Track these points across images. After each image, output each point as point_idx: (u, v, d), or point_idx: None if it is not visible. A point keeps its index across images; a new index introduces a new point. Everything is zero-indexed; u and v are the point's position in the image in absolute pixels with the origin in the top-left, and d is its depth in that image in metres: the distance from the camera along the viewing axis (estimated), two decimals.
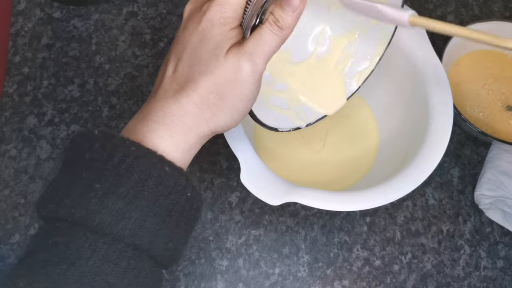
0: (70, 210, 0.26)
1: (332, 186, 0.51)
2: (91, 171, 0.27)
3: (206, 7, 0.30)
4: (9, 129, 0.53)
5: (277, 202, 0.39)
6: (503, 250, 0.52)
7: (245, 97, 0.31)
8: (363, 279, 0.49)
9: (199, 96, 0.30)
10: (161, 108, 0.30)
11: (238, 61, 0.29)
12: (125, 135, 0.30)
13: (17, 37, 0.57)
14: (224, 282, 0.48)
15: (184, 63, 0.30)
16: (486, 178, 0.52)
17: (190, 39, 0.30)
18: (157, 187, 0.28)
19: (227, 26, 0.30)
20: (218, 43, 0.30)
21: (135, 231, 0.27)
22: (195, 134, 0.31)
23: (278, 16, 0.30)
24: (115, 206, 0.26)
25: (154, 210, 0.28)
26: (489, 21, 0.57)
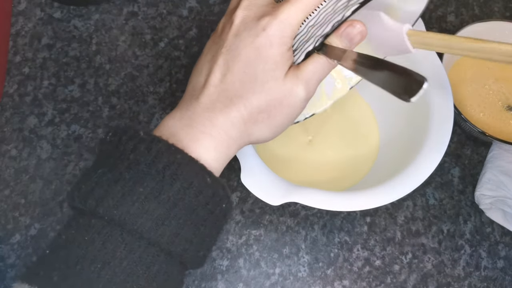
0: (111, 210, 0.26)
1: (332, 186, 0.51)
2: (134, 173, 0.27)
3: (266, 22, 0.29)
4: (10, 129, 0.53)
5: (277, 202, 0.39)
6: (503, 250, 0.52)
7: (292, 118, 0.32)
8: (364, 279, 0.49)
9: (249, 114, 0.30)
10: (209, 118, 0.30)
11: (296, 87, 0.30)
12: (164, 136, 0.30)
13: (17, 37, 0.57)
14: (225, 282, 0.48)
15: (235, 77, 0.30)
16: (487, 178, 0.52)
17: (244, 51, 0.30)
18: (197, 197, 0.28)
19: (285, 47, 0.30)
20: (277, 65, 0.30)
21: (172, 239, 0.27)
22: (237, 146, 0.32)
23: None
24: (156, 212, 0.27)
25: (191, 219, 0.28)
26: (489, 21, 0.57)
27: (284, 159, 0.52)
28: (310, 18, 0.31)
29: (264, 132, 0.32)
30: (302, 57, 0.31)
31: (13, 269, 0.47)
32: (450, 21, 0.63)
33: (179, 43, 0.59)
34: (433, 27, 0.62)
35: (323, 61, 0.31)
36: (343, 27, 0.30)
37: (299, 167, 0.52)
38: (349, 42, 0.31)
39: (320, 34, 0.30)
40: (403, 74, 0.26)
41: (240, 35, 0.30)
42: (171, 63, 0.57)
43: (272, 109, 0.30)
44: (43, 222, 0.49)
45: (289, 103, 0.31)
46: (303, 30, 0.31)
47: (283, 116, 0.31)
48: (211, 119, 0.30)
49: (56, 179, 0.51)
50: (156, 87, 0.56)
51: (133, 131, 0.29)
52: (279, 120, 0.31)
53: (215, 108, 0.30)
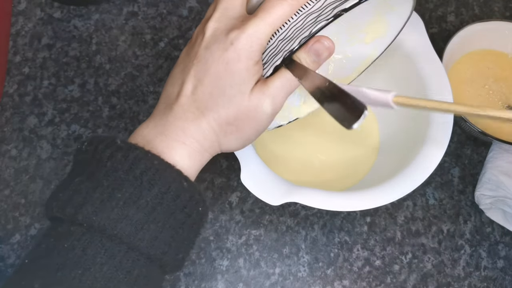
0: (90, 216, 0.27)
1: (332, 186, 0.51)
2: (112, 180, 0.28)
3: (234, 36, 0.30)
4: (10, 129, 0.53)
5: (277, 202, 0.39)
6: (503, 250, 0.52)
7: (260, 131, 0.33)
8: (364, 279, 0.49)
9: (219, 126, 0.31)
10: (182, 128, 0.31)
11: (262, 102, 0.31)
12: (139, 143, 0.30)
13: (17, 37, 0.57)
14: (225, 282, 0.48)
15: (205, 89, 0.31)
16: (487, 178, 0.52)
17: (213, 65, 0.30)
18: (175, 201, 0.29)
19: (252, 61, 0.30)
20: (244, 79, 0.30)
21: (152, 242, 0.28)
22: (209, 154, 0.33)
23: (304, 62, 0.31)
24: (135, 216, 0.27)
25: (169, 223, 0.29)
26: (489, 21, 0.57)
27: (284, 159, 0.52)
28: (280, 31, 0.31)
29: (233, 143, 0.33)
30: (270, 71, 0.31)
31: (13, 269, 0.47)
32: (450, 21, 0.63)
33: (179, 43, 0.59)
34: (433, 27, 0.62)
35: (290, 76, 0.31)
36: (311, 42, 0.31)
37: (299, 167, 0.52)
38: (316, 57, 0.31)
39: (288, 49, 0.30)
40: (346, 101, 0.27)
41: (210, 48, 0.31)
42: (171, 63, 0.57)
43: (240, 123, 0.31)
44: (43, 222, 0.49)
45: (255, 117, 0.31)
46: (273, 43, 0.31)
47: (251, 129, 0.32)
48: (183, 129, 0.31)
49: (56, 179, 0.51)
50: (156, 87, 0.56)
51: (109, 139, 0.29)
52: (247, 132, 0.32)
53: (187, 118, 0.31)
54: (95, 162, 0.29)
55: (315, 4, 0.31)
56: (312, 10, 0.31)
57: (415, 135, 0.46)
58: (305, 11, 0.31)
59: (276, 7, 0.30)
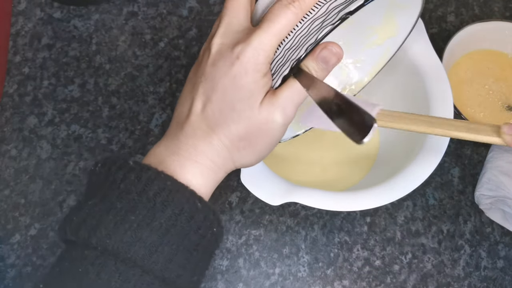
0: (104, 240, 0.26)
1: (332, 186, 0.51)
2: (125, 202, 0.27)
3: (239, 50, 0.29)
4: (10, 129, 0.53)
5: (277, 202, 0.39)
6: (503, 250, 0.52)
7: (273, 144, 0.32)
8: (363, 279, 0.49)
9: (230, 142, 0.31)
10: (193, 146, 0.30)
11: (272, 114, 0.30)
12: (152, 164, 0.30)
13: (17, 37, 0.57)
14: (224, 282, 0.48)
15: (214, 106, 0.30)
16: (487, 178, 0.52)
17: (220, 81, 0.30)
18: (189, 222, 0.28)
19: (260, 73, 0.30)
20: (252, 92, 0.30)
21: (166, 265, 0.27)
22: (223, 172, 0.32)
23: (313, 70, 0.31)
24: (149, 239, 0.27)
25: (183, 244, 0.28)
26: (489, 21, 0.57)
27: (284, 159, 0.52)
28: (286, 41, 0.30)
29: (247, 158, 0.32)
30: (279, 81, 0.31)
31: (13, 269, 0.47)
32: (450, 21, 0.63)
33: (179, 43, 0.58)
34: (433, 27, 0.62)
35: (298, 86, 0.31)
36: (318, 49, 0.30)
37: (299, 167, 0.52)
38: (324, 64, 0.31)
39: (295, 58, 0.30)
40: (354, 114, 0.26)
41: (216, 64, 0.30)
42: (171, 63, 0.57)
43: (252, 137, 0.31)
44: (43, 222, 0.49)
45: (267, 130, 0.31)
46: (280, 53, 0.31)
47: (264, 142, 0.32)
48: (195, 147, 0.30)
49: (56, 179, 0.51)
50: (156, 87, 0.56)
51: (122, 160, 0.29)
52: (260, 146, 0.32)
53: (198, 137, 0.31)
54: (108, 184, 0.29)
55: (319, 9, 0.30)
56: (316, 16, 0.30)
57: (415, 135, 0.46)
58: (309, 18, 0.30)
59: (280, 16, 0.29)
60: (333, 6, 0.30)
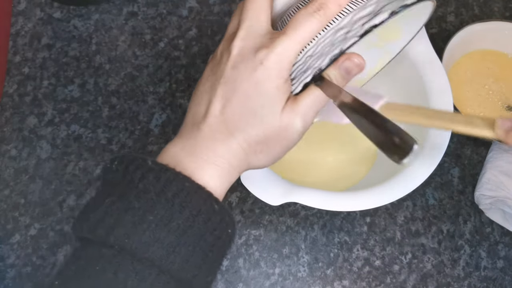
0: (122, 239, 0.27)
1: (332, 186, 0.51)
2: (143, 202, 0.28)
3: (263, 55, 0.29)
4: (10, 129, 0.53)
5: (277, 202, 0.39)
6: (503, 250, 0.52)
7: (289, 147, 0.33)
8: (363, 279, 0.49)
9: (248, 145, 0.31)
10: (211, 148, 0.31)
11: (293, 121, 0.31)
12: (170, 164, 0.30)
13: (17, 37, 0.57)
14: (224, 282, 0.48)
15: (235, 109, 0.30)
16: (486, 178, 0.52)
17: (242, 84, 0.30)
18: (206, 224, 0.29)
19: (283, 80, 0.30)
20: (275, 99, 0.30)
21: (183, 265, 0.28)
22: (238, 173, 0.32)
23: (334, 78, 0.31)
24: (167, 239, 0.27)
25: (199, 245, 0.28)
26: (489, 21, 0.57)
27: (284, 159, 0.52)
28: (308, 47, 0.31)
29: (262, 161, 0.33)
30: (299, 87, 0.31)
31: (12, 269, 0.47)
32: (450, 21, 0.63)
33: (179, 43, 0.58)
34: (433, 27, 0.62)
35: (319, 93, 0.31)
36: (341, 60, 0.30)
37: (299, 167, 0.52)
38: (346, 74, 0.31)
39: (318, 67, 0.30)
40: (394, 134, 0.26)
41: (237, 67, 0.30)
42: (171, 63, 0.57)
43: (270, 142, 0.31)
44: (42, 222, 0.49)
45: (286, 135, 0.31)
46: (301, 59, 0.31)
47: (281, 147, 0.32)
48: (214, 150, 0.31)
49: (56, 179, 0.51)
50: (156, 87, 0.56)
51: (140, 160, 0.29)
52: (277, 150, 0.32)
53: (217, 139, 0.31)
54: (126, 183, 0.29)
55: (343, 19, 0.30)
56: (340, 26, 0.30)
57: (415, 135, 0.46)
58: (333, 27, 0.30)
59: (305, 24, 0.30)
60: (357, 17, 0.30)
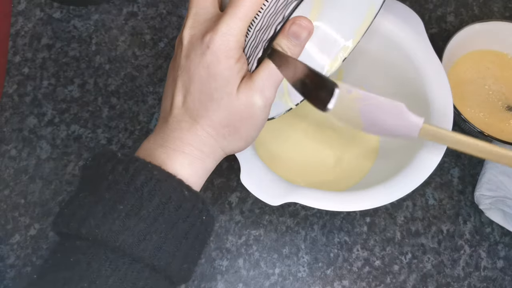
0: (93, 230, 0.27)
1: (332, 186, 0.51)
2: (113, 192, 0.28)
3: (208, 39, 0.29)
4: (9, 129, 0.53)
5: (277, 202, 0.39)
6: (503, 250, 0.52)
7: (259, 126, 0.32)
8: (363, 279, 0.49)
9: (214, 130, 0.31)
10: (179, 138, 0.31)
11: (251, 98, 0.31)
12: (141, 156, 0.30)
13: (17, 37, 0.57)
14: (224, 282, 0.48)
15: (194, 97, 0.31)
16: (486, 178, 0.52)
17: (196, 72, 0.30)
18: (177, 211, 0.29)
19: (233, 59, 0.30)
20: (228, 80, 0.30)
21: (155, 253, 0.28)
22: (212, 160, 0.32)
23: (286, 48, 0.31)
24: (137, 228, 0.27)
25: (172, 233, 0.29)
26: (489, 21, 0.57)
27: (284, 159, 0.52)
28: (255, 22, 0.30)
29: (235, 144, 0.33)
30: (255, 64, 0.31)
31: (12, 269, 0.47)
32: (450, 21, 0.63)
33: None
34: (432, 27, 0.62)
35: (273, 66, 0.31)
36: (287, 26, 0.30)
37: (299, 167, 0.52)
38: (297, 40, 0.30)
39: (266, 39, 0.30)
40: (317, 81, 0.26)
41: (189, 56, 0.30)
42: None
43: (235, 123, 0.31)
44: (42, 222, 0.49)
45: (249, 114, 0.31)
46: (252, 35, 0.31)
47: (249, 127, 0.32)
48: (181, 138, 0.31)
49: (56, 179, 0.51)
50: (156, 87, 0.56)
51: (110, 153, 0.30)
52: (246, 131, 0.32)
53: (182, 128, 0.31)
54: (97, 177, 0.29)
55: None
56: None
57: None
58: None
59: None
60: None
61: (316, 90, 0.25)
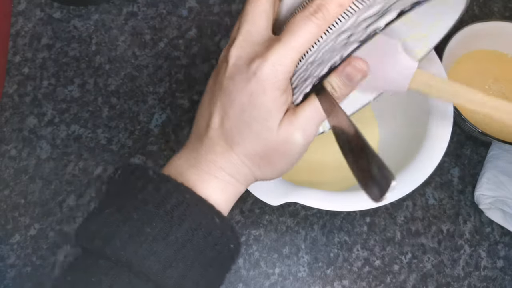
0: (118, 251, 0.26)
1: (332, 186, 0.51)
2: (142, 213, 0.27)
3: (257, 65, 0.27)
4: (9, 129, 0.53)
5: (277, 202, 0.39)
6: (503, 250, 0.52)
7: (294, 162, 0.31)
8: (363, 279, 0.49)
9: (250, 160, 0.30)
10: (213, 162, 0.30)
11: (292, 136, 0.29)
12: (172, 175, 0.29)
13: (17, 37, 0.57)
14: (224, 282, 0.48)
15: (232, 123, 0.29)
16: (486, 178, 0.52)
17: (237, 97, 0.28)
18: (206, 238, 0.28)
19: (279, 91, 0.28)
20: (270, 112, 0.28)
21: (180, 281, 0.27)
22: (244, 186, 0.31)
23: (336, 86, 0.29)
24: (164, 253, 0.26)
25: (198, 260, 0.28)
26: (489, 21, 0.57)
27: None
28: (309, 53, 0.28)
29: (268, 174, 0.31)
30: (300, 97, 0.29)
31: (12, 269, 0.47)
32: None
33: (178, 43, 0.59)
34: None
35: (319, 105, 0.29)
36: (342, 66, 0.28)
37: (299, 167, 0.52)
38: (349, 81, 0.29)
39: (318, 75, 0.28)
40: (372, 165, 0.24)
41: (233, 78, 0.29)
42: (171, 63, 0.57)
43: (271, 157, 0.30)
44: (42, 222, 0.49)
45: (286, 150, 0.30)
46: (303, 66, 0.29)
47: (284, 161, 0.30)
48: (214, 162, 0.30)
49: (56, 179, 0.51)
50: (156, 87, 0.56)
51: (142, 169, 0.28)
52: (281, 164, 0.31)
53: (217, 152, 0.30)
54: (126, 193, 0.28)
55: (347, 21, 0.27)
56: (343, 29, 0.27)
57: (414, 135, 0.46)
58: (335, 30, 0.28)
59: (302, 29, 0.27)
60: (362, 18, 0.27)
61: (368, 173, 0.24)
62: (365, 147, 0.25)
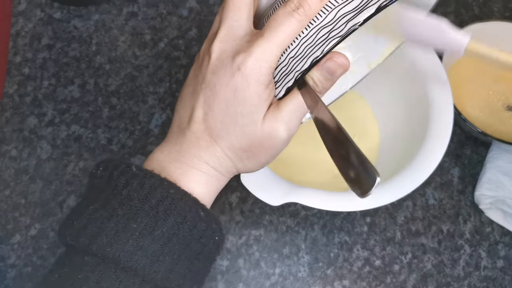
0: (105, 247, 0.26)
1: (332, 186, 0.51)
2: (127, 209, 0.27)
3: (240, 60, 0.28)
4: (10, 130, 0.53)
5: (277, 202, 0.39)
6: (503, 250, 0.52)
7: (276, 154, 0.32)
8: (364, 279, 0.49)
9: (233, 153, 0.30)
10: (196, 156, 0.30)
11: (276, 130, 0.29)
12: (155, 170, 0.29)
13: (17, 37, 0.57)
14: (225, 282, 0.48)
15: (216, 117, 0.29)
16: (486, 178, 0.52)
17: (221, 91, 0.29)
18: (191, 231, 0.28)
19: (263, 85, 0.28)
20: (255, 107, 0.29)
21: (167, 274, 0.27)
22: (226, 178, 0.32)
23: (318, 81, 0.30)
24: (151, 248, 0.27)
25: (185, 253, 0.28)
26: (489, 21, 0.57)
27: (284, 159, 0.52)
28: (290, 48, 0.29)
29: (250, 166, 0.32)
30: (283, 92, 0.30)
31: (13, 269, 0.47)
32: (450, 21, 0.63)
33: (179, 43, 0.59)
34: None
35: (302, 99, 0.30)
36: (323, 60, 0.29)
37: (299, 167, 0.52)
38: (330, 75, 0.29)
39: (300, 70, 0.28)
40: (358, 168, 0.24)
41: (217, 72, 0.29)
42: (171, 63, 0.57)
43: (255, 150, 0.30)
44: (43, 222, 0.49)
45: (270, 144, 0.30)
46: (284, 60, 0.29)
47: (267, 154, 0.31)
48: (198, 156, 0.30)
49: (56, 180, 0.51)
50: (156, 87, 0.56)
51: (124, 165, 0.29)
52: (264, 157, 0.31)
53: (201, 146, 0.30)
54: (110, 189, 0.28)
55: (326, 16, 0.28)
56: (323, 24, 0.28)
57: (415, 135, 0.46)
58: (316, 25, 0.28)
59: (284, 24, 0.28)
60: (341, 13, 0.28)
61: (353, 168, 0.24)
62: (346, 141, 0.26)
